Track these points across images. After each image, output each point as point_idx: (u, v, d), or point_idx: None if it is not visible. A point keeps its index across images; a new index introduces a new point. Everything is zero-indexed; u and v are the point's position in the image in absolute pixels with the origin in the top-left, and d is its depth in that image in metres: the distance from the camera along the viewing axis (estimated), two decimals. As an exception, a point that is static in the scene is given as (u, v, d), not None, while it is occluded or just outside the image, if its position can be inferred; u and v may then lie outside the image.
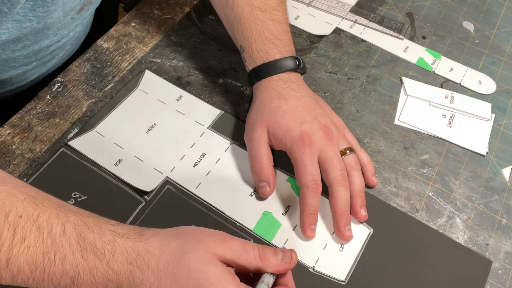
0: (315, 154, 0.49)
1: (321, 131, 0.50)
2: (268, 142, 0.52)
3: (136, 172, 0.52)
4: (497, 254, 0.50)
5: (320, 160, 0.50)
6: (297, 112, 0.51)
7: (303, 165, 0.49)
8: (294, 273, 0.47)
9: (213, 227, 0.49)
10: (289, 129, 0.50)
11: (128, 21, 0.66)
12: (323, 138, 0.50)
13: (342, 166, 0.50)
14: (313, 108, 0.52)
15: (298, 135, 0.50)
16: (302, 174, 0.49)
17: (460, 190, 0.55)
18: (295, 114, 0.51)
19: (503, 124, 0.61)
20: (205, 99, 0.59)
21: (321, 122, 0.51)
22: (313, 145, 0.49)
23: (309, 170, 0.49)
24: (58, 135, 0.54)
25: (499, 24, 0.72)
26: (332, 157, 0.49)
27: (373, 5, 0.73)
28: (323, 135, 0.50)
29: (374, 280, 0.48)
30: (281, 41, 0.55)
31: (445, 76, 0.65)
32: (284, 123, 0.50)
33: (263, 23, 0.55)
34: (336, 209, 0.49)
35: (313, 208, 0.48)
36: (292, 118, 0.51)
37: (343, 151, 0.51)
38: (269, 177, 0.50)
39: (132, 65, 0.61)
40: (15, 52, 0.54)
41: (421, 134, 0.59)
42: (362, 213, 0.50)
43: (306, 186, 0.48)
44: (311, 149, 0.49)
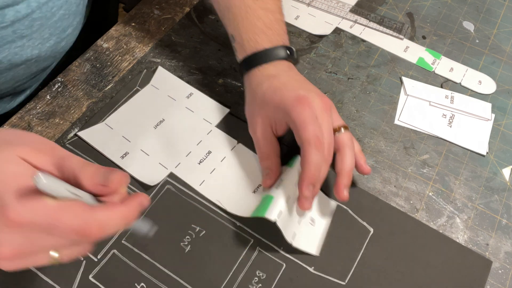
0: (313, 114, 0.46)
1: (319, 99, 0.48)
2: (272, 130, 0.51)
3: (142, 166, 0.52)
4: (497, 254, 0.50)
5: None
6: (289, 84, 0.50)
7: (303, 122, 0.46)
8: (294, 274, 0.47)
9: (213, 227, 0.49)
10: (284, 98, 0.48)
11: (128, 21, 0.66)
12: (320, 105, 0.47)
13: (331, 141, 0.47)
14: (306, 82, 0.51)
15: (294, 98, 0.47)
16: (302, 131, 0.45)
17: (460, 190, 0.55)
18: (288, 85, 0.49)
19: (503, 124, 0.61)
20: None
21: (317, 93, 0.49)
22: (311, 106, 0.46)
23: (310, 125, 0.45)
24: (58, 135, 0.54)
25: (499, 24, 0.72)
26: (326, 127, 0.47)
27: (373, 5, 0.73)
28: (320, 102, 0.47)
29: (374, 280, 0.48)
30: (272, 30, 0.53)
31: (445, 76, 0.65)
32: (278, 96, 0.49)
33: (254, 12, 0.53)
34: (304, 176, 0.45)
35: (315, 166, 0.45)
36: (285, 89, 0.49)
37: (337, 128, 0.49)
38: (271, 166, 0.50)
39: (132, 65, 0.61)
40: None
41: (421, 134, 0.59)
42: (345, 194, 0.47)
43: (308, 142, 0.45)
44: (309, 109, 0.46)
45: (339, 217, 0.51)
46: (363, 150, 0.56)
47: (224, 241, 0.48)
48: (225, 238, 0.49)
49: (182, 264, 0.47)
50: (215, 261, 0.47)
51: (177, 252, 0.47)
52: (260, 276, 0.47)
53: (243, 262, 0.47)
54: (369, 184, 0.54)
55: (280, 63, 0.52)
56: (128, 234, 0.48)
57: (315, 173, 0.45)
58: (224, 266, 0.47)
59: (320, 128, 0.46)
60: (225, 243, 0.48)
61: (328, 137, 0.46)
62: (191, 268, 0.46)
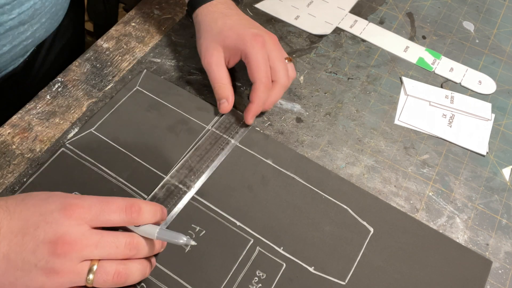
0: (266, 54, 0.54)
1: (268, 35, 0.56)
2: (225, 62, 0.57)
3: (135, 173, 0.52)
4: (497, 254, 0.50)
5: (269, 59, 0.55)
6: (242, 23, 0.57)
7: (258, 63, 0.54)
8: (294, 274, 0.47)
9: (213, 227, 0.49)
10: (240, 35, 0.55)
11: (128, 21, 0.66)
12: (271, 40, 0.56)
13: (286, 67, 0.56)
14: (254, 22, 0.59)
15: (250, 36, 0.54)
16: (258, 71, 0.53)
17: (460, 190, 0.55)
18: (241, 24, 0.57)
19: (503, 124, 0.61)
20: (205, 99, 0.59)
21: (265, 31, 0.57)
22: (265, 45, 0.55)
23: (263, 67, 0.54)
24: (58, 135, 0.54)
25: (499, 24, 0.72)
26: (278, 57, 0.55)
27: (373, 5, 0.73)
28: (270, 39, 0.56)
29: (374, 280, 0.48)
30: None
31: (445, 76, 0.65)
32: (234, 33, 0.55)
33: None
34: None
35: (262, 101, 0.54)
36: (240, 27, 0.56)
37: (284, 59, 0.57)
38: (228, 95, 0.56)
39: (132, 65, 0.61)
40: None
41: (421, 134, 0.59)
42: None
43: (261, 81, 0.53)
44: (263, 49, 0.54)
45: (339, 217, 0.51)
46: (362, 150, 0.57)
47: (224, 241, 0.48)
48: (225, 238, 0.49)
49: (182, 264, 0.47)
50: (215, 261, 0.47)
51: (177, 252, 0.47)
52: (260, 276, 0.47)
53: (243, 262, 0.47)
54: (369, 184, 0.54)
55: (227, 2, 0.59)
56: (128, 234, 0.48)
57: (260, 106, 0.55)
58: (224, 266, 0.47)
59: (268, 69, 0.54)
60: (225, 243, 0.48)
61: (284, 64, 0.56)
62: (191, 268, 0.46)
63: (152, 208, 0.42)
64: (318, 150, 0.56)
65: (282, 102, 0.60)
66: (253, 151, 0.55)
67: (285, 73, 0.55)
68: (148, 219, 0.41)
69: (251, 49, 0.54)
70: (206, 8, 0.58)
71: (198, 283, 0.46)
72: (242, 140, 0.56)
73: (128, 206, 0.40)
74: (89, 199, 0.40)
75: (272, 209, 0.51)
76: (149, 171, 0.52)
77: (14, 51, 0.60)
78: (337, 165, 0.55)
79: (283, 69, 0.55)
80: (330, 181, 0.53)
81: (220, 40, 0.56)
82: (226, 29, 0.56)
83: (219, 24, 0.56)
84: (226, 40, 0.55)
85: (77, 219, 0.38)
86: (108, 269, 0.39)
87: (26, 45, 0.61)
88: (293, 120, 0.58)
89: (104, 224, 0.40)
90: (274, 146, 0.55)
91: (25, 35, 0.59)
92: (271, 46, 0.55)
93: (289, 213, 0.51)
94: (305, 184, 0.53)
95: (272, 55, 0.55)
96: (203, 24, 0.58)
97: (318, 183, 0.53)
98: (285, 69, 0.56)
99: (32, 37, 0.61)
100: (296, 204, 0.52)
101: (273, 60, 0.55)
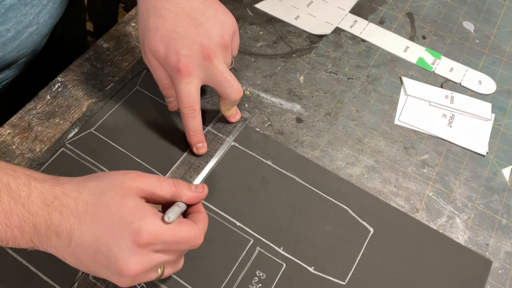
0: (193, 81, 0.50)
1: (201, 56, 0.49)
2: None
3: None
4: (497, 254, 0.50)
5: (209, 81, 0.51)
6: (175, 36, 0.49)
7: (179, 93, 0.51)
8: (294, 274, 0.47)
9: (213, 227, 0.49)
10: (167, 57, 0.50)
11: (128, 21, 0.66)
12: (205, 62, 0.50)
13: (231, 83, 0.51)
14: (195, 26, 0.49)
15: (175, 64, 0.49)
16: (180, 102, 0.51)
17: (460, 190, 0.55)
18: (173, 38, 0.49)
19: (503, 124, 0.61)
20: (205, 99, 0.59)
21: (203, 44, 0.49)
22: (192, 73, 0.50)
23: (185, 99, 0.51)
24: (58, 135, 0.54)
25: (499, 24, 0.72)
26: (218, 78, 0.50)
27: (373, 5, 0.73)
28: (205, 60, 0.49)
29: (374, 280, 0.48)
30: None
31: (445, 76, 0.65)
32: (162, 51, 0.50)
33: None
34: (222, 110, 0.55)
35: (194, 130, 0.53)
36: (170, 43, 0.49)
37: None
38: (171, 94, 0.54)
39: (132, 65, 0.61)
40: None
41: (421, 134, 0.59)
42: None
43: (183, 114, 0.52)
44: (188, 78, 0.50)
45: (339, 217, 0.51)
46: (362, 150, 0.57)
47: (224, 241, 0.48)
48: (225, 238, 0.49)
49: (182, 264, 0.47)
50: (215, 261, 0.47)
51: (177, 252, 0.47)
52: (260, 276, 0.47)
53: (243, 262, 0.47)
54: (369, 184, 0.54)
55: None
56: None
57: (196, 135, 0.53)
58: (224, 266, 0.47)
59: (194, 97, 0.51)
60: (225, 243, 0.48)
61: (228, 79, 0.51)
62: (191, 268, 0.46)
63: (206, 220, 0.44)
64: (318, 150, 0.56)
65: (282, 102, 0.60)
66: (253, 152, 0.55)
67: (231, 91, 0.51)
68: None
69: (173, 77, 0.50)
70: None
71: (198, 283, 0.46)
72: (242, 141, 0.56)
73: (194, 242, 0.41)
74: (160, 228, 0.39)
75: (272, 209, 0.51)
76: (149, 171, 0.52)
77: (19, 38, 0.57)
78: (337, 165, 0.55)
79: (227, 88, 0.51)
80: (330, 181, 0.53)
81: (150, 48, 0.50)
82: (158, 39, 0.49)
83: (151, 26, 0.49)
84: (155, 54, 0.50)
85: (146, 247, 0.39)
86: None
87: (31, 33, 0.59)
88: (293, 120, 0.58)
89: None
90: (274, 147, 0.55)
91: (28, 19, 0.57)
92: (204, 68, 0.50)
93: (289, 213, 0.51)
94: (305, 185, 0.53)
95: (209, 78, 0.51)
96: (139, 13, 0.51)
97: (318, 183, 0.53)
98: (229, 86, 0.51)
99: (36, 23, 0.59)
100: (296, 205, 0.52)
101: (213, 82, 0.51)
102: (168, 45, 0.49)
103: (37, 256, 0.46)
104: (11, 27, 0.55)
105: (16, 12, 0.55)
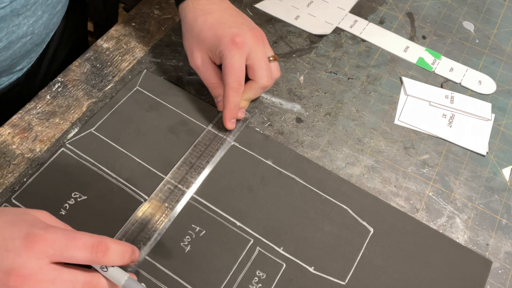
0: (243, 56, 0.53)
1: (251, 33, 0.54)
2: (211, 61, 0.56)
3: (135, 173, 0.52)
4: (497, 254, 0.50)
5: (249, 59, 0.53)
6: (223, 21, 0.54)
7: (231, 67, 0.52)
8: (294, 274, 0.47)
9: (213, 227, 0.49)
10: (218, 35, 0.53)
11: (128, 21, 0.66)
12: (253, 39, 0.53)
13: (268, 67, 0.54)
14: (239, 16, 0.56)
15: (229, 38, 0.52)
16: (228, 75, 0.53)
17: (460, 190, 0.55)
18: (222, 22, 0.54)
19: (503, 124, 0.61)
20: (205, 99, 0.59)
21: (249, 26, 0.55)
22: (243, 46, 0.52)
23: (235, 72, 0.53)
24: (58, 135, 0.54)
25: (499, 24, 0.72)
26: (260, 57, 0.54)
27: (373, 5, 0.73)
28: (253, 37, 0.53)
29: (374, 280, 0.48)
30: None
31: (445, 76, 0.65)
32: (214, 34, 0.53)
33: None
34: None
35: (234, 105, 0.54)
36: (220, 26, 0.54)
37: (268, 58, 0.55)
38: (220, 93, 0.55)
39: (132, 65, 0.61)
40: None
41: (421, 134, 0.59)
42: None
43: (230, 87, 0.53)
44: (240, 50, 0.52)
45: (339, 217, 0.51)
46: (362, 150, 0.57)
47: (224, 241, 0.48)
48: (225, 238, 0.49)
49: (182, 264, 0.47)
50: (215, 261, 0.47)
51: (177, 252, 0.47)
52: (260, 276, 0.47)
53: (243, 262, 0.47)
54: (369, 184, 0.54)
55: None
56: (128, 235, 0.48)
57: (234, 110, 0.54)
58: (224, 266, 0.47)
59: (243, 73, 0.53)
60: (225, 243, 0.48)
61: (266, 64, 0.54)
62: (191, 268, 0.46)
63: (121, 248, 0.39)
64: (318, 150, 0.56)
65: (282, 102, 0.60)
66: (253, 151, 0.55)
67: (265, 73, 0.54)
68: (115, 260, 0.39)
69: (226, 51, 0.52)
70: (188, 4, 0.56)
71: (198, 283, 0.46)
72: (242, 141, 0.56)
73: (95, 244, 0.38)
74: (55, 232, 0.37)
75: (272, 209, 0.51)
76: (149, 171, 0.52)
77: (12, 48, 0.58)
78: (337, 165, 0.55)
79: (263, 69, 0.54)
80: (330, 181, 0.53)
81: (200, 41, 0.55)
82: (206, 29, 0.54)
83: (199, 23, 0.55)
84: (205, 41, 0.54)
85: (38, 252, 0.36)
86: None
87: (25, 43, 0.59)
88: (293, 120, 0.58)
89: (66, 260, 0.37)
90: (274, 147, 0.55)
91: (21, 30, 0.57)
92: (252, 44, 0.53)
93: (289, 213, 0.51)
94: (305, 185, 0.53)
95: (252, 55, 0.53)
96: (185, 22, 0.57)
97: (318, 183, 0.53)
98: (266, 69, 0.54)
99: (30, 33, 0.59)
100: (296, 205, 0.52)
101: (253, 59, 0.53)
102: (217, 29, 0.53)
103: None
104: (3, 37, 0.55)
105: (8, 23, 0.55)
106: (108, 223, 0.48)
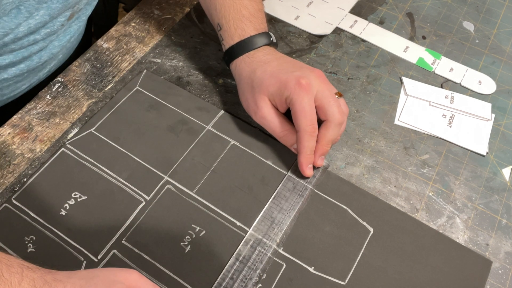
0: (312, 98, 0.51)
1: (313, 74, 0.52)
2: (277, 109, 0.54)
3: (135, 173, 0.52)
4: (497, 254, 0.50)
5: (317, 99, 0.52)
6: (283, 68, 0.53)
7: (302, 111, 0.51)
8: (294, 274, 0.47)
9: (213, 227, 0.49)
10: (283, 81, 0.52)
11: (128, 21, 0.66)
12: (317, 79, 0.52)
13: (338, 103, 0.52)
14: (296, 62, 0.55)
15: (294, 82, 0.51)
16: (301, 119, 0.51)
17: (460, 190, 0.55)
18: (282, 69, 0.53)
19: (503, 124, 0.61)
20: (205, 99, 0.59)
21: (309, 68, 0.54)
22: (310, 88, 0.51)
23: (308, 115, 0.51)
24: (58, 135, 0.54)
25: (499, 24, 0.72)
26: (328, 95, 0.52)
27: (373, 5, 0.73)
28: (317, 77, 0.52)
29: (374, 280, 0.48)
30: (256, 19, 0.57)
31: (445, 76, 0.65)
32: (277, 81, 0.52)
33: (240, 2, 0.57)
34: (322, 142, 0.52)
35: (310, 149, 0.52)
36: (281, 72, 0.53)
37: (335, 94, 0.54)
38: (294, 140, 0.53)
39: (132, 65, 0.61)
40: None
41: (421, 134, 0.59)
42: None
43: (304, 131, 0.51)
44: (308, 93, 0.51)
45: (339, 217, 0.51)
46: (362, 150, 0.57)
47: (224, 241, 0.48)
48: (225, 238, 0.49)
49: (182, 264, 0.47)
50: (215, 261, 0.47)
51: (177, 252, 0.47)
52: (260, 276, 0.47)
53: (243, 262, 0.47)
54: (369, 184, 0.54)
55: (266, 48, 0.56)
56: (128, 234, 0.48)
57: (310, 155, 0.52)
58: (224, 266, 0.47)
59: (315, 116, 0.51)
60: (225, 243, 0.48)
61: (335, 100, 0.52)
62: (191, 268, 0.46)
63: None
64: (318, 150, 0.56)
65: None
66: (253, 151, 0.55)
67: (336, 110, 0.51)
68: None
69: (294, 95, 0.51)
70: (244, 59, 0.55)
71: (197, 283, 0.46)
72: (242, 140, 0.56)
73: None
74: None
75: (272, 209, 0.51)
76: (149, 171, 0.52)
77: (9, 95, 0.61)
78: (337, 165, 0.55)
79: (334, 106, 0.51)
80: (330, 181, 0.53)
81: (263, 90, 0.53)
82: (267, 77, 0.53)
83: (258, 74, 0.54)
84: (269, 88, 0.52)
85: None
86: None
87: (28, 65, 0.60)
88: (293, 120, 0.58)
89: None
90: (274, 147, 0.55)
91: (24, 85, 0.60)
92: (318, 85, 0.52)
93: (290, 213, 0.51)
94: (305, 185, 0.53)
95: (320, 95, 0.51)
96: (242, 77, 0.55)
97: (318, 183, 0.53)
98: (337, 105, 0.52)
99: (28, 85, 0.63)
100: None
101: (321, 99, 0.51)
102: (279, 75, 0.52)
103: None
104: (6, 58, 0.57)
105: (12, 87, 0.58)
106: (108, 223, 0.48)
